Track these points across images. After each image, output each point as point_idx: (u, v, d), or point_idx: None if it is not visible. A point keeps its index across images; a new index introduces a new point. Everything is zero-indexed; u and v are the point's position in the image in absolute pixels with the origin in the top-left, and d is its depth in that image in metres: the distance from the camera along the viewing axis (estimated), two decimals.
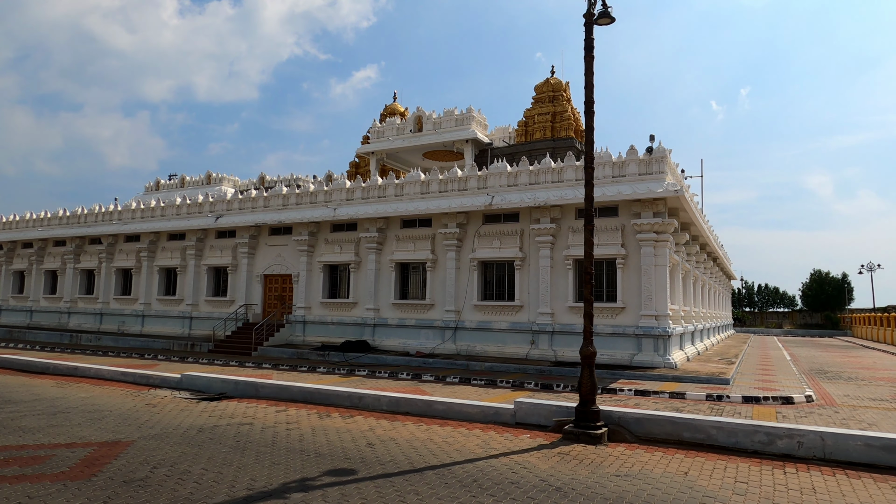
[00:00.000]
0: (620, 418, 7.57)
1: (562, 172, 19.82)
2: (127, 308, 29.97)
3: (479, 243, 21.03)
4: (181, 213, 28.62)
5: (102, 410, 9.31)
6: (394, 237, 22.83)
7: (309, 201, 24.87)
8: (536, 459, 6.72)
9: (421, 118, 29.52)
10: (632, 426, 7.49)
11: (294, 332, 24.43)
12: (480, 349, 20.44)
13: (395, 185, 22.89)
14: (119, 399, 10.47)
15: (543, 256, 19.76)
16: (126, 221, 30.40)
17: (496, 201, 20.20)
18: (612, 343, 18.53)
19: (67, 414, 9.02)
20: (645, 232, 18.26)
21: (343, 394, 9.68)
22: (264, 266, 26.01)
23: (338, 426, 8.37)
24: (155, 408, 9.60)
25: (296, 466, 6.29)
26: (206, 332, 26.88)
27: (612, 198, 18.38)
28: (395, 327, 22.28)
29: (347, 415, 9.07)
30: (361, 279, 23.43)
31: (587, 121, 8.35)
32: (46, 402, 10.13)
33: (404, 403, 9.09)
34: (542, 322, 19.48)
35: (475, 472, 6.22)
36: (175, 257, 28.47)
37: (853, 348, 35.70)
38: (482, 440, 7.59)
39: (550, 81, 27.95)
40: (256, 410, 9.49)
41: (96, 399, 10.45)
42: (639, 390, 14.47)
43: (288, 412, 9.31)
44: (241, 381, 10.72)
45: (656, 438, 7.38)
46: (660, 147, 18.49)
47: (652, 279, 18.13)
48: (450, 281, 21.28)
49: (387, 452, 6.91)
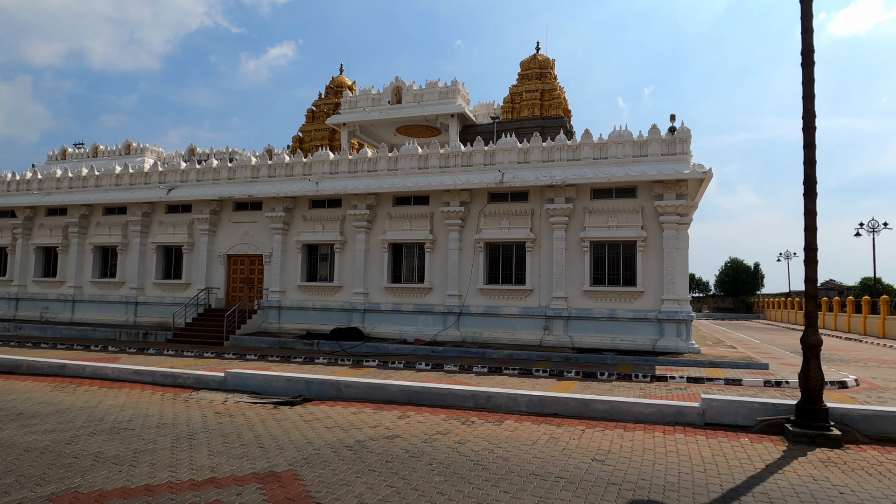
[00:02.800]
0: (844, 416, 6.68)
1: (578, 150, 18.88)
2: (51, 292, 25.93)
3: (484, 223, 19.70)
4: (122, 183, 24.99)
5: (170, 424, 7.15)
6: (385, 215, 20.99)
7: (284, 174, 22.38)
8: (811, 470, 5.63)
9: (400, 89, 27.47)
10: (859, 424, 6.63)
11: (268, 318, 22.00)
12: (488, 336, 19.22)
13: (389, 159, 21.00)
14: (166, 406, 8.24)
15: (558, 238, 18.78)
16: (49, 191, 26.20)
17: (507, 178, 18.95)
18: (633, 328, 17.95)
19: (132, 431, 6.84)
20: (668, 214, 17.74)
21: (464, 393, 8.11)
22: (228, 245, 23.23)
23: (505, 436, 6.84)
24: (237, 419, 7.54)
25: (568, 498, 4.79)
26: (156, 319, 23.74)
27: (636, 178, 17.70)
28: (389, 313, 20.54)
29: (494, 419, 7.44)
30: (347, 260, 21.41)
31: (806, 73, 7.10)
32: (77, 413, 7.78)
33: (551, 403, 7.71)
34: (557, 307, 18.55)
35: (786, 493, 5.02)
36: (115, 234, 24.87)
37: (786, 331, 37.85)
38: (709, 449, 6.38)
39: (538, 58, 26.91)
40: (365, 416, 7.71)
41: (136, 407, 8.16)
42: (691, 377, 13.87)
43: (409, 418, 7.59)
44: (316, 380, 8.79)
45: (890, 438, 6.57)
46: (682, 127, 18.00)
47: (674, 262, 17.67)
48: (452, 263, 19.83)
49: (638, 472, 5.53)
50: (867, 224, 33.86)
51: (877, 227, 33.52)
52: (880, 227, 33.46)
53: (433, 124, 27.07)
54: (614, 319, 18.09)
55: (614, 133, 18.62)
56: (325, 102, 42.70)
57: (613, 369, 14.79)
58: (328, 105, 42.64)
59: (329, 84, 43.06)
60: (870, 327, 30.61)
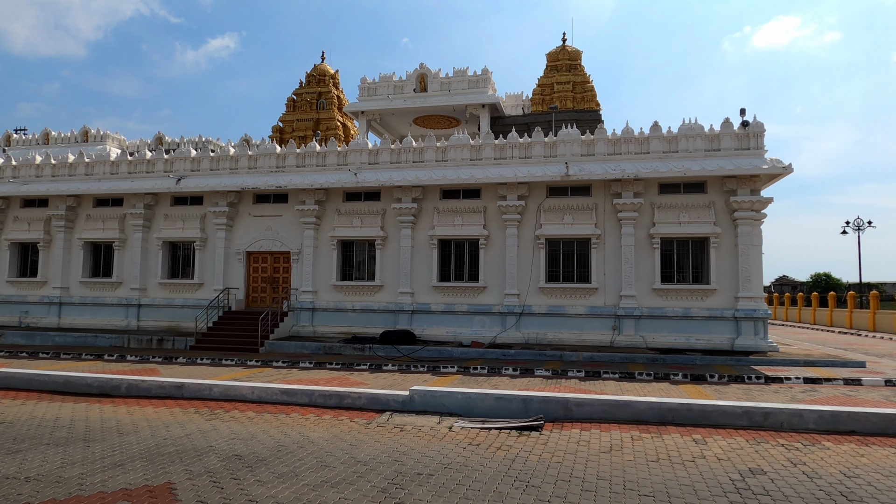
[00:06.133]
0: None
1: (647, 143, 18.18)
2: (31, 294, 22.85)
3: (545, 218, 18.69)
4: (119, 171, 22.28)
5: (458, 467, 5.69)
6: (432, 210, 19.58)
7: (316, 163, 20.51)
8: None
9: (425, 77, 25.88)
10: None
11: (299, 321, 20.11)
12: (553, 337, 18.23)
13: (437, 149, 19.59)
14: (385, 437, 6.72)
15: (627, 234, 18.02)
16: (27, 180, 23.06)
17: (572, 171, 18.01)
18: (708, 327, 17.43)
19: (431, 479, 5.33)
20: (744, 210, 17.32)
21: (734, 410, 6.83)
22: (248, 241, 21.11)
23: (864, 462, 5.86)
24: (513, 452, 6.12)
25: None
26: (163, 322, 21.32)
27: (712, 172, 17.18)
28: (441, 314, 19.16)
29: (802, 441, 6.41)
30: (389, 258, 19.85)
31: None
32: (302, 453, 6.14)
33: (846, 419, 6.71)
34: (627, 306, 17.79)
35: None
36: (110, 228, 22.15)
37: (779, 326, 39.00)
38: None
39: (568, 49, 26.06)
40: (651, 443, 6.46)
41: (330, 441, 6.58)
42: (807, 378, 13.43)
43: (709, 443, 6.45)
44: (536, 398, 7.33)
45: None
46: (756, 121, 17.63)
47: (750, 259, 17.28)
48: (510, 261, 18.69)
49: None
50: (853, 222, 35.32)
51: (861, 226, 35.00)
52: (865, 225, 34.98)
53: (460, 115, 25.74)
54: (689, 318, 17.52)
55: (684, 126, 18.05)
56: (308, 91, 40.52)
57: (710, 370, 14.15)
58: (311, 94, 40.49)
59: (310, 72, 40.99)
60: (837, 319, 34.09)
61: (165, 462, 5.86)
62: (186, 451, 6.22)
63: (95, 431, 7.13)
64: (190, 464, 5.78)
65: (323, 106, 39.63)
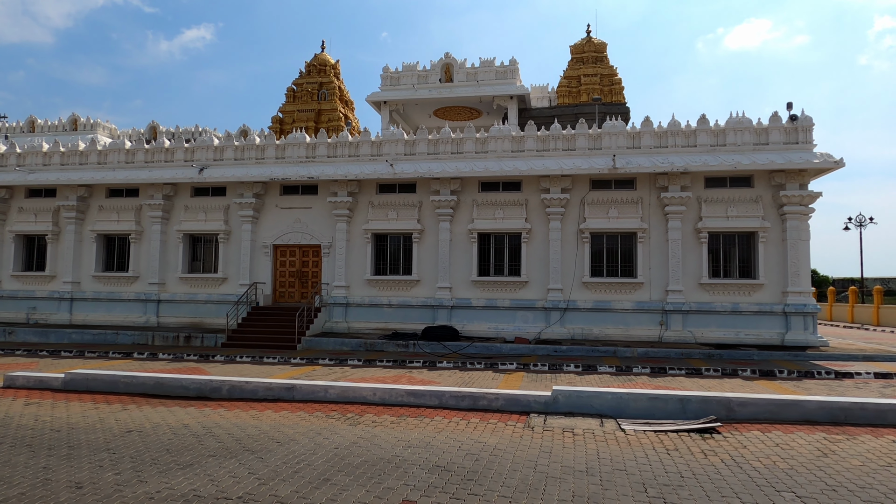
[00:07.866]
0: None
1: (693, 136, 17.97)
2: (39, 289, 21.64)
3: (588, 212, 18.36)
4: (135, 160, 21.21)
5: (645, 473, 5.20)
6: (471, 202, 19.08)
7: (348, 154, 19.80)
8: None
9: (450, 67, 25.25)
10: None
11: (332, 317, 19.41)
12: (599, 332, 17.93)
13: (476, 140, 19.08)
14: (540, 441, 6.19)
15: (674, 228, 17.80)
16: (33, 169, 21.80)
17: (619, 164, 17.71)
18: (757, 322, 17.32)
19: (611, 485, 4.89)
20: (792, 204, 17.23)
21: None
22: (275, 234, 20.30)
23: None
24: (707, 458, 5.67)
25: None
26: (185, 319, 20.40)
27: (763, 166, 17.05)
28: (481, 309, 18.69)
29: None
30: (427, 252, 19.29)
31: None
32: (509, 468, 5.62)
33: None
34: (675, 301, 17.59)
35: None
36: (126, 220, 21.09)
37: None
38: None
39: (593, 41, 25.74)
40: (859, 446, 6.09)
41: (518, 448, 5.90)
42: (878, 373, 13.37)
43: None
44: (694, 398, 6.93)
45: None
46: (804, 115, 17.55)
47: (799, 254, 17.22)
48: (554, 255, 18.32)
49: None
50: (855, 218, 35.93)
51: (863, 222, 35.65)
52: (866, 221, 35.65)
53: (485, 106, 25.22)
54: (737, 313, 17.39)
55: (732, 119, 17.88)
56: (309, 81, 39.60)
57: (774, 366, 14.00)
58: (312, 84, 39.57)
59: (310, 62, 40.13)
60: (837, 314, 34.40)
61: (372, 476, 5.22)
62: (376, 463, 5.58)
63: (247, 440, 6.41)
64: (400, 478, 5.15)
65: (324, 97, 38.75)
